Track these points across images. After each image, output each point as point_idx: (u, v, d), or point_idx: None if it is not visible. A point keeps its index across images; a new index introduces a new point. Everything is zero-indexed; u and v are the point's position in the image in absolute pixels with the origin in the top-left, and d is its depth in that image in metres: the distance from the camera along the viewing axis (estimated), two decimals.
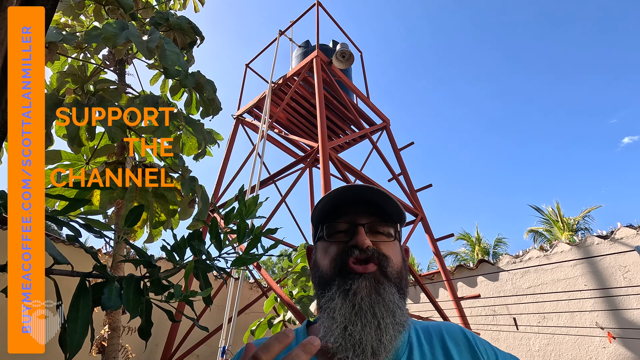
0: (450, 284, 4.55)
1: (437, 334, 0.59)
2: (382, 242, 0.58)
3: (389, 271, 0.55)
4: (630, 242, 4.26)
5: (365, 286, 0.53)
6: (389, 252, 0.57)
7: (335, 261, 0.56)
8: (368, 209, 0.60)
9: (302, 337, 0.61)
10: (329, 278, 0.56)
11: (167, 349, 4.20)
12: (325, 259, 0.58)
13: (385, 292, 0.53)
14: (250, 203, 0.80)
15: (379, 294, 0.53)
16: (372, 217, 0.59)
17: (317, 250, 0.62)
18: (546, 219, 12.19)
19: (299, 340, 0.61)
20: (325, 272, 0.57)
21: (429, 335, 0.59)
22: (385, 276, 0.55)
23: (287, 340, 0.35)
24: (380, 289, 0.53)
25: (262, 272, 3.50)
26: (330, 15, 5.45)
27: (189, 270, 0.66)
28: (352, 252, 0.55)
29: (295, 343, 0.60)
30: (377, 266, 0.55)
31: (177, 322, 0.69)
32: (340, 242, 0.58)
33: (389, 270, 0.55)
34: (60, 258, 0.59)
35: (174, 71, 1.84)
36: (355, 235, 0.56)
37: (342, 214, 0.60)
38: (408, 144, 5.51)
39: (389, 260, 0.56)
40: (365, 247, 0.55)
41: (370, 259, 0.55)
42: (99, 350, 1.70)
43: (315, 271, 0.60)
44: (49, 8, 0.65)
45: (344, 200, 0.60)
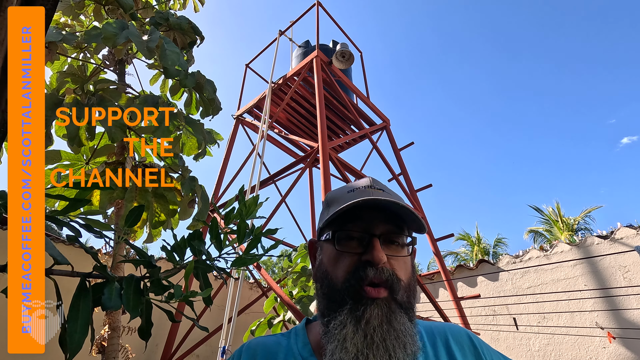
0: (450, 284, 4.55)
1: (442, 337, 0.58)
2: (394, 256, 0.54)
3: (399, 295, 0.53)
4: (630, 242, 4.27)
5: (378, 315, 0.50)
6: (400, 271, 0.54)
7: (348, 280, 0.53)
8: (385, 215, 0.56)
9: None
10: (340, 298, 0.53)
11: (167, 349, 4.20)
12: (336, 270, 0.55)
13: (397, 322, 0.51)
14: (251, 203, 0.80)
15: (390, 324, 0.51)
16: (388, 225, 0.55)
17: (324, 253, 0.58)
18: (546, 219, 12.19)
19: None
20: (336, 287, 0.54)
21: (433, 337, 0.58)
22: (396, 302, 0.52)
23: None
24: (392, 318, 0.51)
25: (262, 272, 3.50)
26: (330, 15, 5.45)
27: (189, 271, 0.66)
28: (366, 271, 0.52)
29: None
30: (388, 290, 0.52)
31: (177, 322, 0.69)
32: (353, 253, 0.54)
33: (400, 294, 0.53)
34: (60, 258, 0.59)
35: (174, 71, 1.84)
36: (371, 249, 0.53)
37: (356, 217, 0.55)
38: (408, 144, 5.51)
39: (400, 284, 0.53)
40: (381, 264, 0.52)
41: (383, 283, 0.52)
42: (99, 350, 1.70)
43: (323, 279, 0.56)
44: (49, 8, 0.65)
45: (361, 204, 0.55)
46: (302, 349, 0.57)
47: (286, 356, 0.57)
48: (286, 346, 0.59)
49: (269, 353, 0.59)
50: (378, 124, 5.44)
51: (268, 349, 0.59)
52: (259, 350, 0.59)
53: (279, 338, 0.62)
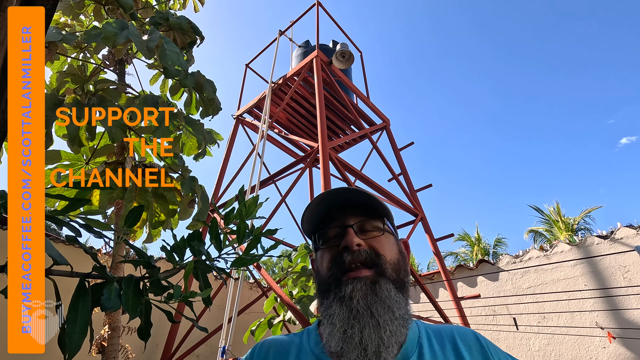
0: (450, 284, 4.55)
1: (449, 336, 0.59)
2: (372, 237, 0.59)
3: (384, 268, 0.56)
4: (630, 242, 4.26)
5: (360, 289, 0.54)
6: (382, 248, 0.58)
7: (331, 269, 0.58)
8: (354, 210, 0.61)
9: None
10: (327, 286, 0.57)
11: (167, 349, 4.20)
12: (322, 266, 0.60)
13: (382, 290, 0.54)
14: (251, 203, 0.80)
15: (375, 293, 0.53)
16: (359, 217, 0.61)
17: (317, 259, 0.63)
18: (546, 219, 12.19)
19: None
20: (324, 279, 0.59)
21: (440, 336, 0.59)
22: (382, 275, 0.56)
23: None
24: (376, 288, 0.54)
25: (262, 272, 3.50)
26: (330, 15, 5.45)
27: (188, 271, 0.66)
28: (344, 256, 0.56)
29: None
30: (371, 269, 0.56)
31: (176, 322, 0.68)
32: (333, 246, 0.59)
33: (385, 267, 0.56)
34: (59, 259, 0.58)
35: (174, 71, 1.84)
36: (344, 236, 0.58)
37: (331, 219, 0.62)
38: (408, 144, 5.51)
39: (382, 258, 0.57)
40: (354, 246, 0.56)
41: (363, 263, 0.56)
42: (98, 350, 1.70)
43: (316, 279, 0.62)
44: (49, 8, 0.65)
45: (330, 208, 0.62)
46: (314, 347, 0.59)
47: (298, 353, 0.59)
48: (298, 344, 0.61)
49: (282, 349, 0.61)
50: (378, 124, 5.44)
51: (281, 347, 0.62)
52: (272, 348, 0.62)
53: (291, 337, 0.64)
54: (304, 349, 0.59)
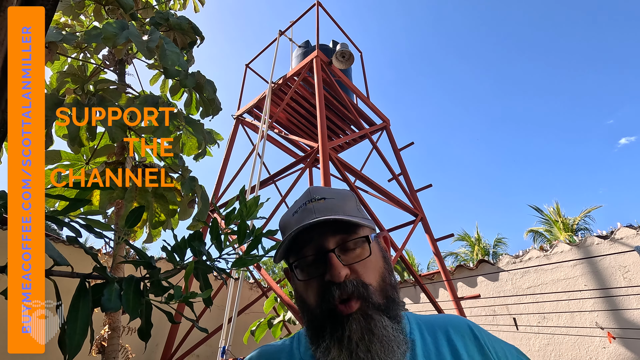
0: (450, 284, 4.55)
1: (442, 329, 0.58)
2: (357, 262, 0.54)
3: (373, 300, 0.52)
4: (630, 242, 4.26)
5: (357, 329, 0.50)
6: (367, 275, 0.54)
7: (320, 306, 0.53)
8: (333, 226, 0.55)
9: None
10: (320, 324, 0.53)
11: (167, 349, 4.20)
12: (309, 297, 0.55)
13: (377, 328, 0.51)
14: (251, 204, 0.80)
15: (372, 333, 0.50)
16: (338, 235, 0.55)
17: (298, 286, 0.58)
18: (546, 219, 12.19)
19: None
20: (314, 315, 0.54)
21: (433, 329, 0.58)
22: (372, 307, 0.52)
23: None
24: (372, 326, 0.51)
25: (262, 272, 3.50)
26: (330, 15, 5.45)
27: (189, 272, 0.66)
28: (332, 290, 0.52)
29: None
30: (359, 300, 0.52)
31: (176, 323, 0.68)
32: (317, 276, 0.54)
33: (373, 298, 0.52)
34: (59, 259, 0.58)
35: (174, 71, 1.84)
36: (330, 268, 0.52)
37: (306, 241, 0.55)
38: (408, 144, 5.51)
39: (369, 289, 0.53)
40: (342, 279, 0.52)
41: (350, 296, 0.52)
42: (99, 351, 1.70)
43: (302, 308, 0.57)
44: (49, 8, 0.65)
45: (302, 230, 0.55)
46: (304, 353, 0.58)
47: (289, 358, 0.59)
48: (289, 350, 0.60)
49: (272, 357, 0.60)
50: (378, 124, 5.44)
51: (271, 355, 0.61)
52: (262, 358, 0.61)
53: (284, 342, 0.63)
54: (294, 356, 0.58)
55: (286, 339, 0.64)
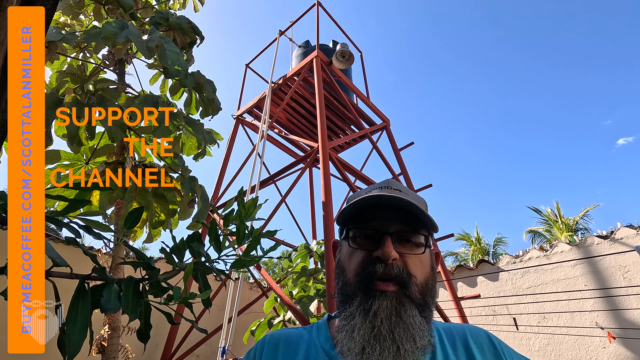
0: (450, 284, 4.55)
1: (461, 337, 0.58)
2: (408, 254, 0.55)
3: (411, 291, 0.53)
4: (630, 242, 4.26)
5: (387, 307, 0.51)
6: (414, 268, 0.54)
7: (359, 275, 0.54)
8: (398, 215, 0.56)
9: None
10: (352, 291, 0.54)
11: (167, 349, 4.20)
12: (349, 265, 0.56)
13: (407, 315, 0.51)
14: (250, 205, 0.80)
15: (399, 316, 0.51)
16: (402, 225, 0.56)
17: (342, 250, 0.59)
18: (545, 219, 12.19)
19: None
20: (349, 281, 0.55)
21: (452, 337, 0.58)
22: (407, 297, 0.52)
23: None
24: (402, 311, 0.51)
25: (262, 272, 3.50)
26: (330, 15, 5.44)
27: (188, 273, 0.66)
28: (376, 267, 0.53)
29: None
30: (398, 285, 0.52)
31: (176, 324, 0.68)
32: (366, 250, 0.55)
33: (412, 289, 0.53)
34: (59, 260, 0.58)
35: (174, 71, 1.84)
36: (381, 246, 0.53)
37: (372, 217, 0.57)
38: (408, 144, 5.51)
39: (412, 279, 0.53)
40: (390, 260, 0.52)
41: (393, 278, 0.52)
42: (98, 350, 1.70)
43: (339, 273, 0.58)
44: (49, 8, 0.65)
45: (374, 204, 0.56)
46: (324, 343, 0.58)
47: (308, 348, 0.58)
48: (308, 339, 0.60)
49: (291, 343, 0.59)
50: (378, 124, 5.44)
51: (290, 340, 0.60)
52: (282, 340, 0.60)
53: (301, 331, 0.62)
54: (314, 345, 0.58)
55: (302, 328, 0.63)
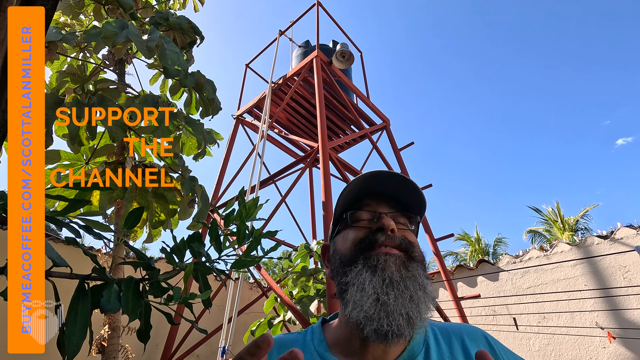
0: (450, 284, 4.55)
1: (457, 335, 0.58)
2: (404, 229, 0.58)
3: (415, 255, 0.55)
4: (630, 242, 4.26)
5: (394, 262, 0.52)
6: (413, 240, 0.57)
7: (360, 242, 0.55)
8: (388, 202, 0.60)
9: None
10: (352, 256, 0.55)
11: (167, 349, 4.20)
12: (347, 243, 0.58)
13: (414, 269, 0.53)
14: (250, 205, 0.80)
15: (407, 269, 0.52)
16: (393, 209, 0.59)
17: (337, 241, 0.61)
18: (545, 219, 12.19)
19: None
20: (348, 252, 0.56)
21: (448, 335, 0.58)
22: (412, 258, 0.54)
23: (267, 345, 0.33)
24: (409, 266, 0.53)
25: (262, 272, 3.50)
26: (330, 15, 5.44)
27: (188, 273, 0.65)
28: (377, 236, 0.55)
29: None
30: (402, 252, 0.54)
31: (176, 324, 0.68)
32: (364, 227, 0.57)
33: (416, 254, 0.55)
34: (58, 260, 0.58)
35: (174, 71, 1.83)
36: (380, 219, 0.56)
37: (363, 205, 0.60)
38: (408, 144, 5.51)
39: (414, 246, 0.56)
40: (390, 229, 0.54)
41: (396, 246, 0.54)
42: (98, 350, 1.70)
43: (334, 259, 0.59)
44: (49, 8, 0.65)
45: (365, 193, 0.60)
46: (317, 345, 0.58)
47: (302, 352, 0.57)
48: (302, 342, 0.60)
49: (286, 349, 0.59)
50: (378, 124, 5.44)
51: (285, 345, 0.60)
52: (275, 347, 0.60)
53: (295, 335, 0.63)
54: (308, 348, 0.58)
55: (297, 333, 0.64)
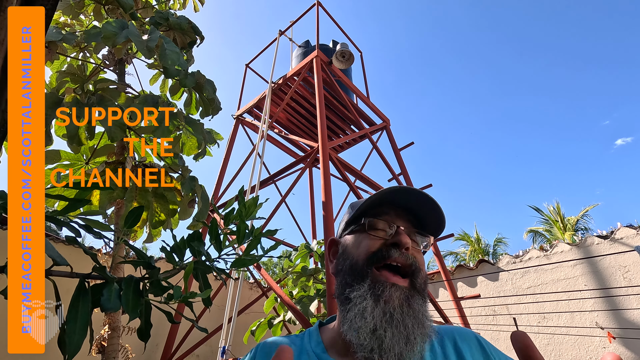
0: (450, 284, 4.55)
1: (449, 337, 0.59)
2: (415, 248, 0.57)
3: (420, 283, 0.55)
4: (630, 242, 4.26)
5: (398, 297, 0.52)
6: (420, 263, 0.57)
7: (373, 255, 0.55)
8: (407, 216, 0.60)
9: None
10: (362, 269, 0.55)
11: (167, 348, 4.20)
12: (359, 249, 0.57)
13: (416, 304, 0.53)
14: (250, 204, 0.80)
15: (410, 305, 0.52)
16: (410, 224, 0.59)
17: (349, 242, 0.61)
18: (546, 219, 12.19)
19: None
20: (360, 260, 0.56)
21: (441, 337, 0.59)
22: (416, 289, 0.55)
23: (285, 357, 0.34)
24: (412, 301, 0.53)
25: (262, 272, 3.50)
26: (330, 15, 5.44)
27: (188, 272, 0.66)
28: (391, 251, 0.55)
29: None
30: (407, 279, 0.55)
31: (176, 323, 0.68)
32: (379, 237, 0.57)
33: (420, 282, 0.55)
34: (59, 259, 0.58)
35: (174, 71, 1.83)
36: (398, 234, 0.56)
37: (383, 213, 0.60)
38: (408, 144, 5.51)
39: (421, 273, 0.56)
40: (407, 247, 0.55)
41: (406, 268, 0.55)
42: (98, 350, 1.70)
43: (344, 259, 0.59)
44: (49, 8, 0.65)
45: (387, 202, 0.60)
46: (315, 347, 0.58)
47: (300, 354, 0.58)
48: (300, 346, 0.60)
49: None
50: (378, 124, 5.44)
51: None
52: (274, 349, 0.60)
53: (292, 339, 0.63)
54: (305, 351, 0.58)
55: (294, 336, 0.64)
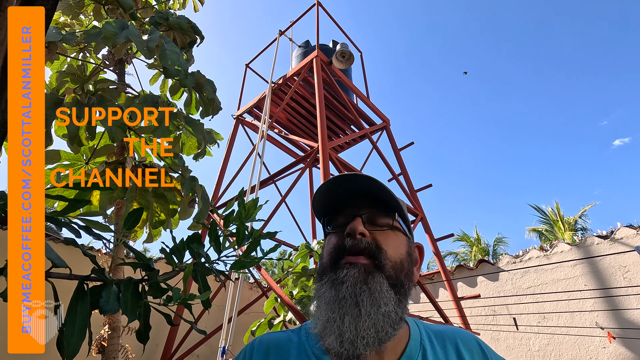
0: (450, 284, 4.55)
1: (451, 340, 0.59)
2: (378, 231, 0.58)
3: (382, 263, 0.54)
4: (630, 242, 4.26)
5: (353, 275, 0.52)
6: (385, 243, 0.56)
7: (331, 253, 0.57)
8: (367, 201, 0.60)
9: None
10: (324, 269, 0.57)
11: (167, 349, 4.20)
12: (325, 250, 0.60)
13: (373, 282, 0.52)
14: (250, 206, 0.80)
15: (365, 283, 0.52)
16: (371, 209, 0.59)
17: (324, 244, 0.63)
18: (546, 219, 12.20)
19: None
20: (324, 262, 0.58)
21: (442, 339, 0.59)
22: (377, 267, 0.54)
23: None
24: (369, 279, 0.53)
25: (262, 272, 3.50)
26: (330, 15, 5.44)
27: (187, 274, 0.65)
28: (345, 241, 0.56)
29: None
30: (369, 259, 0.54)
31: (175, 325, 0.68)
32: (340, 232, 0.59)
33: (384, 262, 0.54)
34: (58, 261, 0.58)
35: (174, 71, 1.83)
36: (349, 223, 0.57)
37: (344, 206, 0.61)
38: (408, 144, 5.51)
39: (382, 253, 0.55)
40: (357, 233, 0.55)
41: (362, 252, 0.55)
42: (98, 350, 1.70)
43: (320, 263, 0.61)
44: (49, 8, 0.65)
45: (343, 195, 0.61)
46: (313, 347, 0.58)
47: (299, 354, 0.58)
48: (297, 342, 0.59)
49: (282, 349, 0.59)
50: (378, 124, 5.44)
51: (280, 346, 0.60)
52: (271, 346, 0.60)
53: (289, 334, 0.62)
54: (304, 348, 0.58)
55: (290, 331, 0.64)
